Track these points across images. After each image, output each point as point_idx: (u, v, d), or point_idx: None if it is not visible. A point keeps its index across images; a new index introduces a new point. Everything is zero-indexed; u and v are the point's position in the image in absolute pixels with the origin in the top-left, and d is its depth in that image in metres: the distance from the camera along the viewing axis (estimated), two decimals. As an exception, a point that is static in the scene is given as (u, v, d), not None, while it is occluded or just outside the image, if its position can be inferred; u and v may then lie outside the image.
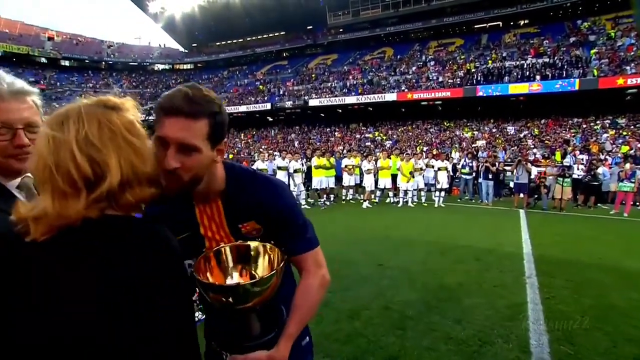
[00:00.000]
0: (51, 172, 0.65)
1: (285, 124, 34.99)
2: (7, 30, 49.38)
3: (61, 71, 49.75)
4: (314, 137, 30.89)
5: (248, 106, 34.46)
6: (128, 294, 0.63)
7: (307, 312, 1.00)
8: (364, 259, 5.05)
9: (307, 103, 31.12)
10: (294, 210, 1.04)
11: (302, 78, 36.62)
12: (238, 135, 35.85)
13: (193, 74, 50.55)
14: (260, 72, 42.84)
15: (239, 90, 39.28)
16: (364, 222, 8.10)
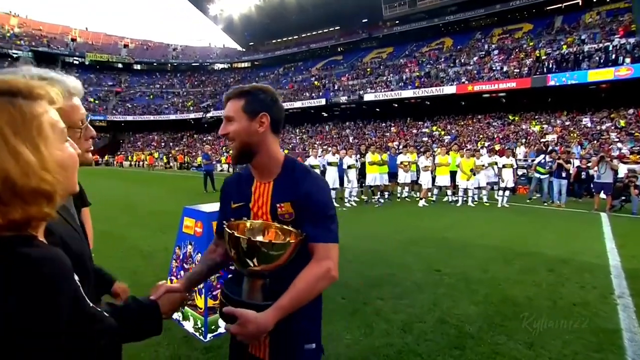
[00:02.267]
0: None
1: (339, 119, 34.83)
2: (93, 42, 54.98)
3: (133, 74, 54.35)
4: (368, 132, 30.37)
5: (303, 102, 34.83)
6: None
7: (302, 294, 1.04)
8: (418, 263, 4.73)
9: (362, 98, 30.64)
10: (327, 204, 1.16)
11: (357, 73, 36.15)
12: (293, 131, 36.42)
13: (250, 71, 52.26)
14: (315, 68, 43.06)
15: (294, 87, 39.85)
16: (419, 221, 7.69)
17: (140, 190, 13.90)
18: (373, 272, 4.38)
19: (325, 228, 1.12)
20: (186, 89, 51.70)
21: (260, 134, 1.15)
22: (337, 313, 3.22)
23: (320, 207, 1.13)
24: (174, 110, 46.44)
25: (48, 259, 0.57)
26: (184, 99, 48.85)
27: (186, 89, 51.84)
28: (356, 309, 3.31)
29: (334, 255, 1.13)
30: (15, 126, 0.55)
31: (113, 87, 50.59)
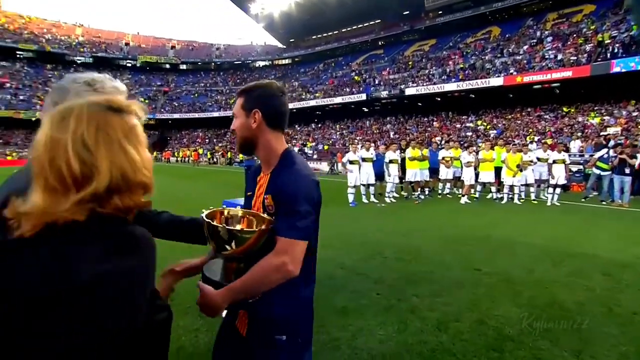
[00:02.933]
0: (44, 167, 0.66)
1: (380, 114, 34.34)
2: (143, 44, 58.37)
3: (180, 74, 56.99)
4: (410, 127, 29.68)
5: (343, 97, 34.73)
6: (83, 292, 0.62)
7: (254, 281, 1.09)
8: (457, 261, 4.59)
9: (404, 92, 29.96)
10: (296, 199, 1.14)
11: (398, 66, 35.41)
12: (333, 126, 36.45)
13: (290, 68, 52.90)
14: (355, 63, 42.72)
15: (335, 82, 39.81)
16: (460, 219, 7.42)
17: (186, 185, 14.61)
18: (409, 268, 4.31)
19: (289, 223, 1.12)
20: (229, 87, 53.38)
21: (254, 129, 1.23)
22: (370, 308, 3.22)
23: (288, 202, 1.14)
24: (217, 108, 48.13)
25: (146, 235, 0.72)
26: (227, 97, 50.48)
27: (229, 86, 53.52)
28: (390, 305, 3.28)
29: (294, 251, 1.11)
30: (125, 134, 0.71)
31: (161, 86, 53.40)
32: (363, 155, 9.38)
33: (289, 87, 45.12)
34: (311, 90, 40.82)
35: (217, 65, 58.52)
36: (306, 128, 39.01)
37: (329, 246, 5.30)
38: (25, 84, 45.81)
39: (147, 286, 0.72)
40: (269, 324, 1.19)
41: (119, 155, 0.69)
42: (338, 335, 2.77)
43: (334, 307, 3.24)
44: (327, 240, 5.65)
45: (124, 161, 0.70)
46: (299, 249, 1.13)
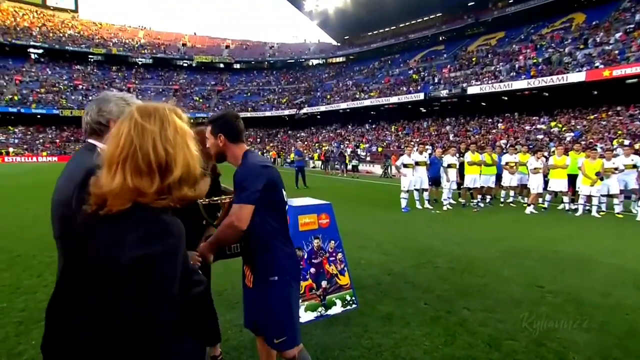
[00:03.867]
0: (135, 150, 0.81)
1: (439, 115, 33.37)
2: (199, 45, 62.12)
3: (233, 73, 59.75)
4: (471, 129, 28.46)
5: (399, 97, 34.27)
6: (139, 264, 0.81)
7: (219, 234, 1.80)
8: (517, 275, 4.39)
9: (465, 91, 28.85)
10: (243, 180, 1.80)
11: (460, 63, 34.15)
12: (388, 127, 36.07)
13: (345, 66, 53.19)
14: (413, 60, 41.93)
15: (391, 81, 39.40)
16: (524, 230, 7.03)
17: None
18: (462, 280, 4.22)
19: (237, 195, 1.79)
20: (281, 86, 54.99)
21: (222, 146, 1.90)
22: (416, 317, 3.22)
23: (238, 183, 1.80)
24: (270, 107, 49.78)
25: (176, 223, 0.88)
26: (279, 96, 52.05)
27: (281, 85, 55.14)
28: (438, 316, 3.26)
29: (240, 212, 1.74)
30: (188, 136, 0.91)
31: (215, 86, 56.38)
32: (417, 159, 9.24)
33: (343, 86, 45.44)
34: (365, 89, 40.74)
35: (270, 64, 60.55)
36: (360, 129, 38.99)
37: (377, 251, 5.34)
38: (94, 85, 50.91)
39: (176, 264, 0.87)
40: (264, 271, 1.84)
41: (187, 152, 0.87)
42: (381, 341, 2.83)
43: (378, 313, 3.30)
44: (377, 245, 5.69)
45: (189, 157, 0.88)
46: (244, 211, 1.74)
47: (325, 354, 2.69)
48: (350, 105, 38.84)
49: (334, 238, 3.49)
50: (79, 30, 56.05)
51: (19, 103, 43.06)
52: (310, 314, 3.24)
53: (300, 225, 3.30)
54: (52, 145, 43.30)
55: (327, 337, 2.95)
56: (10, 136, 43.57)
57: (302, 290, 3.23)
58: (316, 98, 46.67)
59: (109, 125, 1.41)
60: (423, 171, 9.32)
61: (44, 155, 40.10)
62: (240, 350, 2.71)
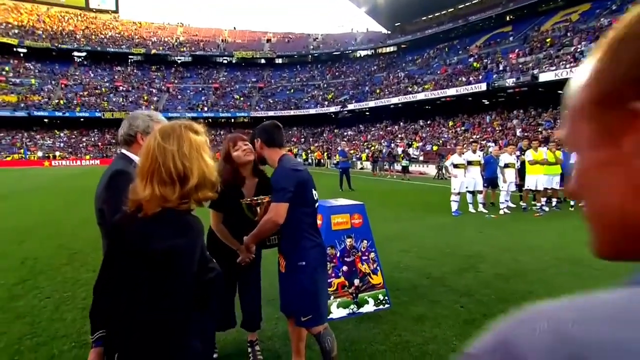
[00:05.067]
0: (159, 166, 1.22)
1: (504, 107, 32.23)
2: (239, 40, 64.82)
3: (275, 69, 61.56)
4: (543, 122, 27.19)
5: (457, 88, 33.59)
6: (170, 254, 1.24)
7: (260, 229, 2.32)
8: (571, 284, 4.45)
9: (537, 78, 27.63)
10: (277, 182, 2.32)
11: (530, 46, 32.73)
12: (445, 123, 35.46)
13: (396, 57, 52.93)
14: (474, 46, 40.87)
15: (448, 71, 38.72)
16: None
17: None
18: (507, 286, 4.38)
19: (274, 195, 2.30)
20: (326, 81, 55.82)
21: (260, 150, 2.51)
22: (449, 319, 3.49)
23: (273, 184, 2.34)
24: (314, 104, 50.71)
25: (195, 221, 1.32)
26: (324, 92, 52.88)
27: (326, 80, 55.98)
28: (473, 319, 3.49)
29: (277, 209, 2.25)
30: (203, 148, 1.27)
31: (256, 82, 58.50)
32: (469, 158, 9.27)
33: (394, 79, 45.29)
34: (419, 81, 40.35)
35: (314, 58, 61.68)
36: (412, 125, 38.65)
37: (419, 256, 5.59)
38: (134, 86, 54.98)
39: (195, 254, 1.30)
40: (294, 257, 2.38)
41: (201, 162, 1.26)
42: (410, 339, 3.14)
43: (411, 314, 3.60)
44: (419, 250, 5.95)
45: (204, 166, 1.26)
46: (280, 208, 2.26)
47: (354, 347, 3.06)
48: (402, 99, 38.62)
49: (367, 238, 3.85)
50: (119, 31, 60.81)
51: (65, 107, 47.59)
52: (343, 310, 3.63)
53: (333, 224, 3.71)
54: (94, 149, 47.32)
55: (356, 332, 3.32)
56: (56, 140, 48.20)
57: (335, 287, 3.63)
58: (364, 93, 46.87)
59: (136, 137, 1.95)
60: (476, 172, 9.33)
61: (87, 159, 43.93)
62: (274, 340, 3.23)
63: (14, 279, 4.64)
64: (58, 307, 3.82)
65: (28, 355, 2.91)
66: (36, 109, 46.27)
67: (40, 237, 7.01)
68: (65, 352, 2.94)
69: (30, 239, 6.82)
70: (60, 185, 17.40)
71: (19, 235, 7.15)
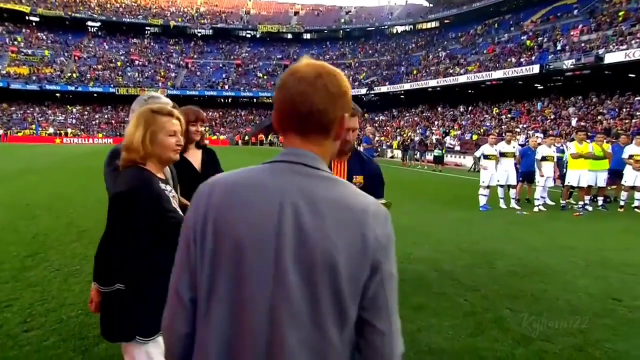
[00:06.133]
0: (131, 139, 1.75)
1: (560, 92, 31.40)
2: (264, 12, 65.26)
3: (303, 45, 61.81)
4: (606, 111, 26.34)
5: (506, 71, 33.01)
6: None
7: None
8: (594, 287, 4.61)
9: (602, 59, 26.57)
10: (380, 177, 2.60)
11: (598, 21, 31.45)
12: (489, 110, 34.95)
13: (437, 33, 52.18)
14: (529, 21, 39.79)
15: (496, 50, 38.05)
16: (634, 242, 6.95)
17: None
18: (519, 284, 4.62)
19: (380, 189, 2.55)
20: (358, 59, 55.71)
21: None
22: (449, 310, 3.81)
23: (379, 178, 2.58)
24: (344, 85, 50.70)
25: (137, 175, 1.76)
26: (356, 71, 52.84)
27: (358, 59, 55.87)
28: (474, 312, 3.79)
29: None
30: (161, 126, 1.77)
31: (282, 60, 58.97)
32: (502, 149, 9.38)
33: (433, 59, 44.77)
34: (462, 62, 39.77)
35: (346, 33, 61.58)
36: (452, 111, 38.27)
37: (433, 249, 5.91)
38: (150, 60, 56.51)
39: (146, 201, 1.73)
40: None
41: (156, 138, 1.76)
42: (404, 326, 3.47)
43: (410, 304, 3.93)
44: (435, 243, 6.27)
45: (161, 141, 1.76)
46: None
47: None
48: (442, 82, 38.24)
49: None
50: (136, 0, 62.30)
51: (78, 81, 49.54)
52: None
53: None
54: (108, 127, 49.19)
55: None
56: (68, 116, 50.37)
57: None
58: (399, 74, 46.60)
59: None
60: (510, 164, 9.44)
61: (100, 137, 45.80)
62: None
63: (26, 252, 5.25)
64: (67, 279, 4.37)
65: (39, 319, 3.43)
66: (48, 82, 48.41)
67: (52, 214, 7.72)
68: (73, 317, 3.46)
69: (42, 216, 7.53)
70: (72, 164, 18.46)
71: (31, 211, 7.91)
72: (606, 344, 3.36)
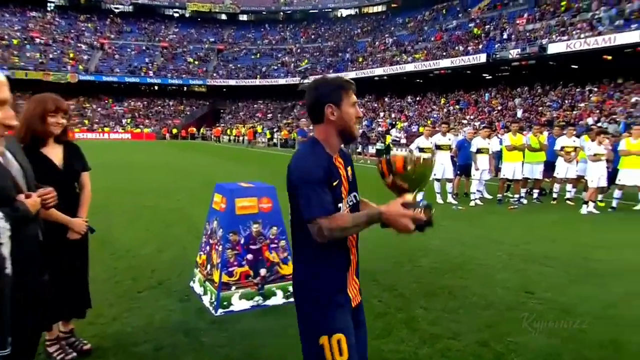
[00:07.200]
0: None
1: (508, 83, 33.07)
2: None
3: (238, 28, 61.01)
4: (550, 102, 28.08)
5: (453, 60, 34.24)
6: None
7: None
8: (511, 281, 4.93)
9: (545, 49, 28.20)
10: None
11: (542, 10, 33.39)
12: (437, 99, 36.19)
13: (384, 18, 53.33)
14: (477, 8, 41.57)
15: (444, 37, 39.39)
16: (562, 234, 7.47)
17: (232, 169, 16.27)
18: (440, 280, 4.86)
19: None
20: (300, 45, 55.79)
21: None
22: (360, 313, 3.92)
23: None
24: (285, 73, 50.74)
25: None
26: (298, 58, 52.91)
27: (300, 44, 55.94)
28: (385, 313, 3.94)
29: None
30: None
31: (214, 44, 57.95)
32: (438, 142, 9.75)
33: (380, 46, 45.67)
34: (410, 49, 40.88)
35: (287, 15, 61.50)
36: (399, 102, 39.29)
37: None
38: (56, 38, 53.15)
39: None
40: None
41: None
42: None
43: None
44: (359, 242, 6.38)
45: None
46: None
47: (246, 341, 3.51)
48: (389, 70, 39.15)
49: (278, 224, 4.21)
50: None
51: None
52: (245, 302, 4.03)
53: (237, 208, 4.05)
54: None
55: (255, 325, 3.76)
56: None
57: (237, 277, 4.00)
58: (344, 61, 47.19)
59: None
60: (446, 157, 9.83)
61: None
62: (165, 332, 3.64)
63: None
64: None
65: None
66: None
67: None
68: None
69: None
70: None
71: None
72: (509, 338, 3.60)
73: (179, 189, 11.61)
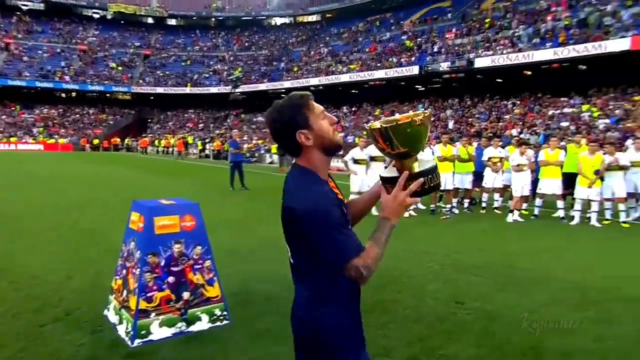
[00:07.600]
0: None
1: (439, 95, 34.52)
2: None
3: (167, 32, 59.55)
4: (479, 114, 29.62)
5: (387, 71, 35.22)
6: None
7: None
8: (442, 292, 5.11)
9: (472, 64, 29.89)
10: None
11: (468, 26, 35.29)
12: (372, 111, 36.99)
13: (319, 28, 54.06)
14: (409, 21, 43.15)
15: (378, 49, 40.43)
16: (489, 243, 7.87)
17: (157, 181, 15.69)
18: (373, 296, 4.86)
19: None
20: (233, 52, 55.30)
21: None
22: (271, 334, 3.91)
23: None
24: (217, 81, 50.03)
25: None
26: (231, 66, 52.36)
27: (233, 52, 55.46)
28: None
29: None
30: None
31: (140, 48, 56.11)
32: (373, 153, 9.94)
33: (315, 55, 46.23)
34: (345, 59, 41.65)
35: (219, 22, 60.83)
36: (335, 112, 39.80)
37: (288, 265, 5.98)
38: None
39: None
40: None
41: None
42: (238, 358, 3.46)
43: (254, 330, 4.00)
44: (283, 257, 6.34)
45: None
46: None
47: None
48: (324, 81, 39.67)
49: (202, 243, 4.08)
50: None
51: None
52: (167, 329, 3.83)
53: (156, 228, 3.86)
54: None
55: (177, 355, 3.57)
56: None
57: (157, 303, 3.81)
58: (279, 70, 47.31)
59: None
60: (380, 168, 10.02)
61: None
62: None
63: None
64: None
65: None
66: None
67: None
68: None
69: None
70: None
71: None
72: (439, 351, 3.71)
73: (95, 206, 10.91)
